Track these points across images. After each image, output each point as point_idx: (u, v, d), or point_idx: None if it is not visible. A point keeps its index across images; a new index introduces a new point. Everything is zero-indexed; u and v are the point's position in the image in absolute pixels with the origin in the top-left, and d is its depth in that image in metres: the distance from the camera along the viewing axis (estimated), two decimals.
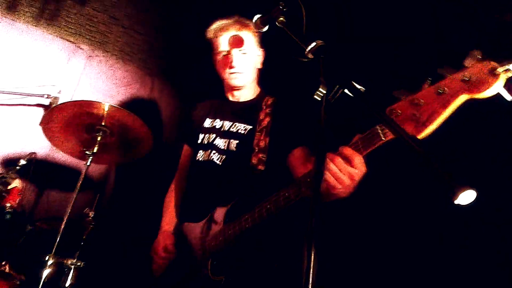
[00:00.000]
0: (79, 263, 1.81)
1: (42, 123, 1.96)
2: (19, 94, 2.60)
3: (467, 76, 0.92)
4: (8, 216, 1.67)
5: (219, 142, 1.76)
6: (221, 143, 1.75)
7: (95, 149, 1.97)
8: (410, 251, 1.86)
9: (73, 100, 1.97)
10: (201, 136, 1.86)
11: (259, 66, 1.90)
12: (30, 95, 2.60)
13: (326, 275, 0.99)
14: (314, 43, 1.08)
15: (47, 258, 1.67)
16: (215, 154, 1.74)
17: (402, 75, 1.93)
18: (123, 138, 2.11)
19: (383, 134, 1.08)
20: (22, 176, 2.07)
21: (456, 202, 0.67)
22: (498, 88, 0.87)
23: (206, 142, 1.81)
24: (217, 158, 1.73)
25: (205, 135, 1.84)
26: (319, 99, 1.03)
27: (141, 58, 3.17)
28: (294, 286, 1.51)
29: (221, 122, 1.83)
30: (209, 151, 1.77)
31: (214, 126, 1.84)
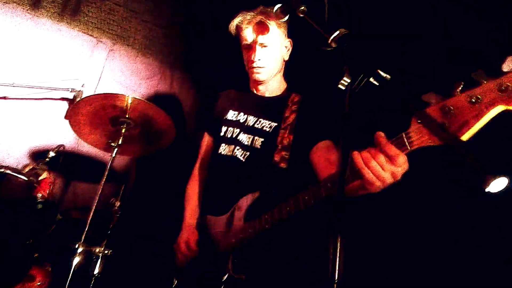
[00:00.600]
0: (106, 251, 1.87)
1: (69, 116, 2.02)
2: (45, 88, 2.68)
3: (506, 84, 0.82)
4: (39, 206, 1.74)
5: (243, 138, 1.75)
6: (245, 138, 1.74)
7: (120, 141, 2.01)
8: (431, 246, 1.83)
9: (97, 93, 2.01)
10: (223, 128, 1.84)
11: (286, 58, 1.85)
12: (55, 89, 2.67)
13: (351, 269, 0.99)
14: (338, 32, 1.07)
15: (77, 246, 1.74)
16: (238, 150, 1.73)
17: (411, 71, 1.89)
18: (146, 130, 2.16)
19: (409, 144, 1.03)
20: (51, 167, 2.14)
21: (487, 189, 0.66)
22: None
23: (229, 136, 1.79)
24: (240, 154, 1.71)
25: (228, 128, 1.82)
26: (343, 88, 1.02)
27: (161, 50, 3.21)
28: (316, 286, 1.54)
29: (245, 116, 1.81)
30: (232, 146, 1.75)
31: (238, 120, 1.82)
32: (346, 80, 0.97)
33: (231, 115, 1.85)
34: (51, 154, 2.06)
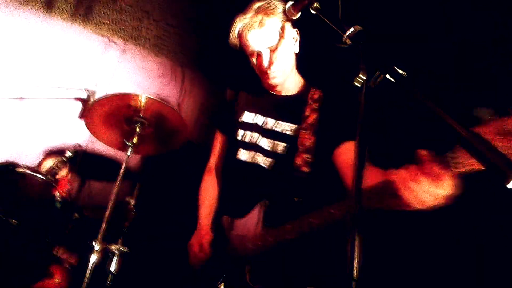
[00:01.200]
0: (123, 249, 1.90)
1: (84, 116, 2.05)
2: (59, 88, 2.73)
3: None
4: (58, 205, 1.77)
5: (263, 143, 1.64)
6: (265, 143, 1.63)
7: (134, 140, 2.03)
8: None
9: (111, 93, 2.03)
10: (240, 132, 1.72)
11: (297, 51, 1.69)
12: (69, 89, 2.72)
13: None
14: (352, 29, 1.07)
15: (95, 244, 1.77)
16: (260, 156, 1.62)
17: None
18: (160, 129, 2.18)
19: (454, 165, 0.90)
20: (68, 167, 2.17)
21: (509, 186, 0.66)
22: None
23: (247, 140, 1.68)
24: (262, 160, 1.61)
25: (245, 132, 1.71)
26: (359, 85, 1.02)
27: (172, 49, 3.23)
28: None
29: (262, 118, 1.69)
30: (253, 152, 1.65)
31: (256, 122, 1.70)
32: (362, 77, 0.97)
33: (248, 117, 1.74)
34: (68, 154, 2.10)
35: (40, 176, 1.84)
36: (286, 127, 1.61)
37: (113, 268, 1.89)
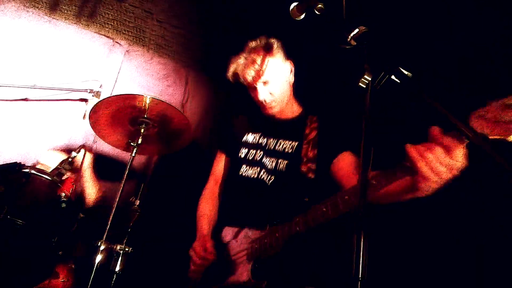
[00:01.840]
0: (127, 249, 1.91)
1: (90, 117, 2.06)
2: (64, 89, 2.74)
3: None
4: (63, 205, 1.78)
5: (266, 161, 1.76)
6: (268, 162, 1.75)
7: (139, 140, 2.04)
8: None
9: (116, 94, 2.05)
10: (243, 150, 1.85)
11: (292, 80, 1.85)
12: (74, 90, 2.73)
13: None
14: (357, 29, 1.07)
15: (99, 244, 1.78)
16: (264, 173, 1.73)
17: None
18: (164, 129, 2.19)
19: (467, 136, 0.96)
20: (73, 167, 2.19)
21: None
22: None
23: (251, 158, 1.81)
24: (267, 177, 1.72)
25: (249, 150, 1.84)
26: (364, 86, 1.03)
27: (176, 50, 3.24)
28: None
29: (264, 139, 1.83)
30: (257, 169, 1.76)
31: (260, 143, 1.83)
32: (367, 78, 0.98)
33: (251, 138, 1.87)
34: (74, 154, 2.11)
35: (46, 177, 1.85)
36: (286, 145, 1.76)
37: (117, 268, 1.89)
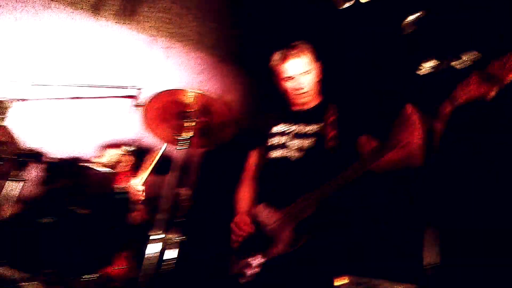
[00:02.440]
0: (179, 238, 1.99)
1: (137, 113, 2.14)
2: (109, 87, 2.86)
3: None
4: (119, 197, 1.88)
5: (290, 143, 2.00)
6: (291, 144, 1.99)
7: (185, 134, 2.11)
8: None
9: (161, 90, 2.12)
10: (270, 140, 2.09)
11: (318, 79, 2.12)
12: (120, 87, 2.84)
13: None
14: (415, 15, 1.07)
15: (153, 233, 1.86)
16: (288, 152, 1.98)
17: None
18: (208, 123, 2.24)
19: None
20: (126, 160, 2.29)
21: None
22: None
23: (276, 143, 2.05)
24: (294, 156, 1.95)
25: (275, 137, 2.08)
26: (423, 73, 1.02)
27: (213, 45, 3.30)
28: None
29: (288, 126, 2.08)
30: (281, 151, 2.00)
31: (283, 131, 2.08)
32: (429, 64, 0.97)
33: (276, 129, 2.12)
34: (125, 148, 2.20)
35: (102, 170, 1.95)
36: (308, 128, 2.00)
37: (170, 256, 1.98)
